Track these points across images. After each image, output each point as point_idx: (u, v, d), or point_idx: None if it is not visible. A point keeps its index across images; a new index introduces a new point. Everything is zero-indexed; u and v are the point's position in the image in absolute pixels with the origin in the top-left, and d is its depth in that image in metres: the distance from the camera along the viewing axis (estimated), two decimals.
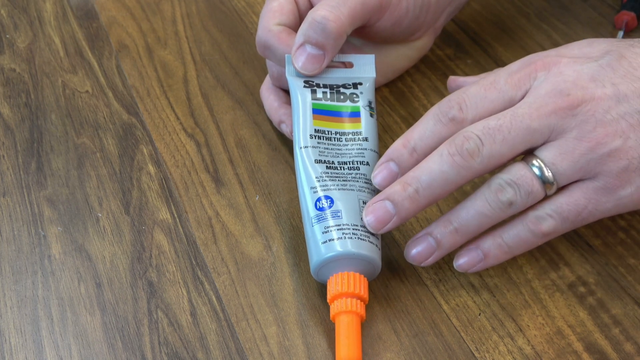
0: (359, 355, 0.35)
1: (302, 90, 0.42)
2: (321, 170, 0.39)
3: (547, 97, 0.35)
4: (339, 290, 0.36)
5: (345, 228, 0.37)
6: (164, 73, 0.52)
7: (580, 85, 0.35)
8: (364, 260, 0.37)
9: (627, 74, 0.35)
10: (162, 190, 0.44)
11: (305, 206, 0.38)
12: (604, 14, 0.55)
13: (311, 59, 0.41)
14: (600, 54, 0.36)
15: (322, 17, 0.41)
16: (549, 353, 0.36)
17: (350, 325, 0.35)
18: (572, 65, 0.36)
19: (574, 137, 0.34)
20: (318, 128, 0.41)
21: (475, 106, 0.36)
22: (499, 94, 0.36)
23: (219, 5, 0.58)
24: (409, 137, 0.37)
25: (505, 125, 0.35)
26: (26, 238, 0.42)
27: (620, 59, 0.35)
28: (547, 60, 0.36)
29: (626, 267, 0.39)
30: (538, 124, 0.35)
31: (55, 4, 0.59)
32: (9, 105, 0.50)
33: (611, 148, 0.34)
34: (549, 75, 0.36)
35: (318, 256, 0.37)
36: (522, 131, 0.35)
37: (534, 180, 0.35)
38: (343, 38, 0.42)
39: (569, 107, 0.35)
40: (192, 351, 0.37)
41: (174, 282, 0.39)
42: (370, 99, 0.43)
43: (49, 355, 0.37)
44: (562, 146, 0.35)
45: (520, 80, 0.36)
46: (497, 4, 0.57)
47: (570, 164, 0.34)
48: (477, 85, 0.37)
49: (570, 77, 0.35)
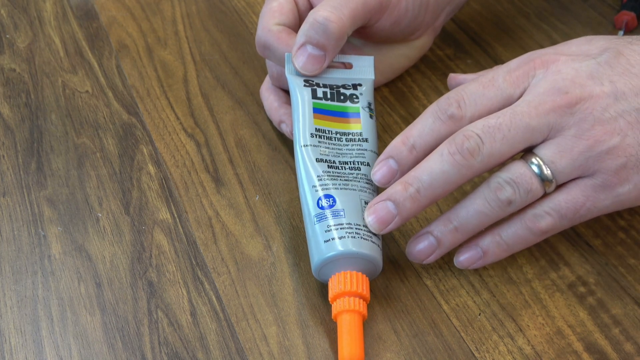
0: (361, 353, 0.35)
1: (302, 89, 0.42)
2: (322, 169, 0.39)
3: (545, 95, 0.35)
4: (341, 289, 0.36)
5: (347, 227, 0.37)
6: (164, 73, 0.52)
7: (579, 83, 0.35)
8: (365, 260, 0.37)
9: (625, 71, 0.35)
10: (162, 190, 0.44)
11: (307, 205, 0.38)
12: (604, 14, 0.55)
13: (312, 60, 0.41)
14: (599, 52, 0.36)
15: (324, 18, 0.40)
16: (549, 353, 0.36)
17: (352, 324, 0.35)
18: (570, 63, 0.36)
19: (573, 135, 0.34)
20: (319, 127, 0.41)
21: (473, 103, 0.36)
22: (497, 91, 0.36)
23: (219, 5, 0.58)
24: (408, 135, 0.37)
25: (505, 123, 0.35)
26: (26, 238, 0.42)
27: (618, 56, 0.36)
28: (546, 58, 0.37)
29: (626, 267, 0.39)
30: (537, 122, 0.35)
31: (55, 4, 0.59)
32: (9, 105, 0.50)
33: (609, 146, 0.34)
34: (547, 73, 0.36)
35: (319, 255, 0.37)
36: (522, 129, 0.35)
37: (533, 178, 0.35)
38: (344, 39, 0.42)
39: (568, 105, 0.35)
40: (192, 351, 0.37)
41: (174, 282, 0.39)
42: (370, 100, 0.43)
43: (49, 355, 0.37)
44: (560, 144, 0.35)
45: (519, 78, 0.36)
46: (497, 4, 0.57)
47: (569, 161, 0.35)
48: (475, 83, 0.37)
49: (568, 75, 0.35)
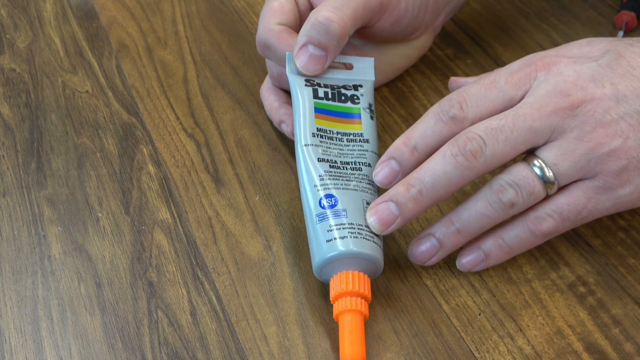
0: (363, 353, 0.35)
1: (303, 89, 0.42)
2: (324, 169, 0.39)
3: (547, 97, 0.35)
4: (343, 289, 0.36)
5: (348, 227, 0.37)
6: (164, 73, 0.52)
7: (580, 85, 0.35)
8: (367, 260, 0.37)
9: (626, 73, 0.35)
10: (162, 190, 0.44)
11: (308, 204, 0.38)
12: (604, 14, 0.55)
13: (313, 60, 0.41)
14: (600, 54, 0.36)
15: (325, 18, 0.40)
16: (549, 353, 0.36)
17: (353, 324, 0.35)
18: (572, 65, 0.36)
19: (575, 137, 0.35)
20: (320, 127, 0.41)
21: (475, 105, 0.36)
22: (499, 93, 0.36)
23: (219, 5, 0.58)
24: (409, 136, 0.37)
25: (507, 125, 0.35)
26: (26, 238, 0.42)
27: (619, 58, 0.36)
28: (547, 60, 0.37)
29: (626, 267, 0.39)
30: (539, 124, 0.35)
31: (55, 4, 0.59)
32: (9, 105, 0.50)
33: (611, 148, 0.34)
34: (549, 75, 0.36)
35: (321, 255, 0.37)
36: (524, 131, 0.35)
37: (536, 180, 0.35)
38: (345, 39, 0.42)
39: (569, 108, 0.35)
40: (192, 351, 0.37)
41: (174, 282, 0.39)
42: (370, 101, 0.43)
43: (49, 355, 0.37)
44: (563, 146, 0.35)
45: (520, 79, 0.37)
46: (497, 4, 0.57)
47: (571, 164, 0.35)
48: (477, 85, 0.37)
49: (570, 77, 0.35)
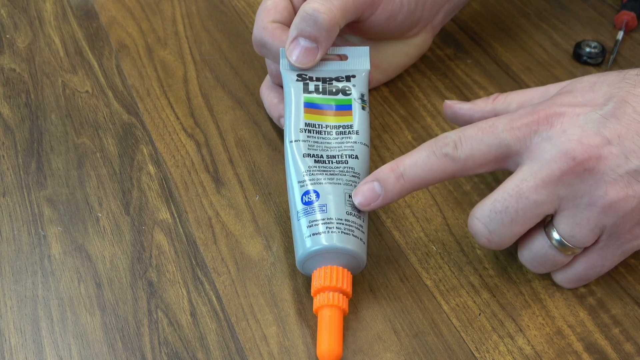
0: (339, 348, 0.35)
1: (294, 84, 0.42)
2: (309, 164, 0.39)
3: (552, 162, 0.34)
4: (322, 283, 0.36)
5: (330, 222, 0.37)
6: (164, 73, 0.52)
7: (586, 143, 0.34)
8: (348, 255, 0.37)
9: (632, 122, 0.34)
10: (162, 190, 0.44)
11: (293, 200, 0.38)
12: (604, 14, 0.55)
13: (305, 52, 0.42)
14: (604, 100, 0.35)
15: (313, 9, 0.41)
16: (549, 353, 0.36)
17: (332, 319, 0.36)
18: (576, 119, 0.35)
19: (587, 203, 0.34)
20: (308, 122, 0.41)
21: (470, 147, 0.36)
22: (495, 139, 0.36)
23: (219, 5, 0.58)
24: (399, 163, 0.37)
25: (512, 206, 0.35)
26: (26, 238, 0.42)
27: (623, 105, 0.35)
28: (550, 111, 0.35)
29: (626, 267, 0.39)
30: (546, 196, 0.34)
31: (55, 4, 0.59)
32: (9, 105, 0.50)
33: (625, 211, 0.34)
34: (552, 132, 0.35)
35: (303, 249, 0.37)
36: (531, 207, 0.35)
37: (557, 255, 0.36)
38: (336, 30, 0.42)
39: (577, 173, 0.34)
40: (192, 351, 0.37)
41: (174, 282, 0.39)
42: (363, 91, 0.42)
43: (49, 355, 0.37)
44: (576, 216, 0.35)
45: (520, 129, 0.36)
46: (497, 4, 0.57)
47: (587, 231, 0.35)
48: (475, 127, 0.37)
49: (574, 135, 0.34)
